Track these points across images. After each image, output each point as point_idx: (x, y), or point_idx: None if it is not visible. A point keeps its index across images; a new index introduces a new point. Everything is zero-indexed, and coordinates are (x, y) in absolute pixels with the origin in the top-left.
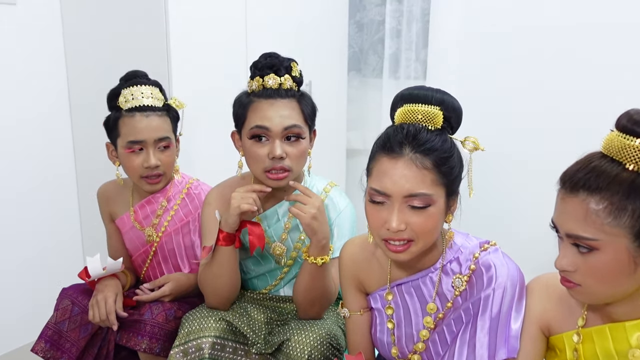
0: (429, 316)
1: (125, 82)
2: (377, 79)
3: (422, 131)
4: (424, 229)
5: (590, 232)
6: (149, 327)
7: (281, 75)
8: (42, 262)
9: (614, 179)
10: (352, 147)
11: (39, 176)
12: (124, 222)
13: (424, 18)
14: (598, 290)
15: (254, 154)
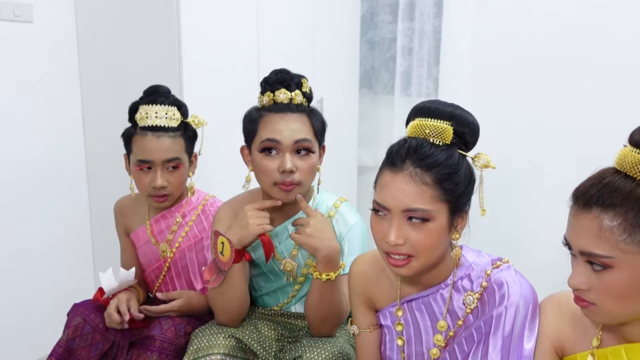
0: (440, 334)
1: (145, 97)
2: (388, 96)
3: (424, 145)
4: (423, 245)
5: (604, 249)
6: (159, 343)
7: (292, 91)
8: (53, 277)
9: (629, 195)
10: (364, 164)
11: (52, 190)
12: (138, 236)
13: (436, 36)
14: (613, 309)
15: (264, 167)
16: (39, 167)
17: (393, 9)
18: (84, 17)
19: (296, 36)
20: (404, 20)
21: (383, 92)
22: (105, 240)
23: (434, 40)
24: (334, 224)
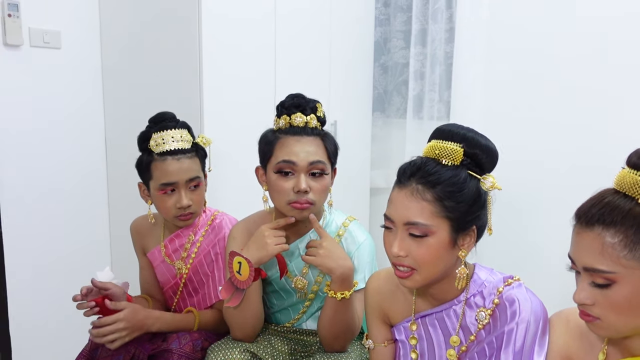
0: (452, 349)
1: (154, 125)
2: (400, 119)
3: (429, 164)
4: (423, 259)
5: (607, 265)
6: (177, 357)
7: (307, 115)
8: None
9: (628, 213)
10: (376, 186)
11: (73, 210)
12: (154, 256)
13: (447, 61)
14: (617, 323)
15: (280, 188)
16: (62, 187)
17: (406, 35)
18: (109, 44)
19: (312, 61)
20: (417, 45)
21: (395, 115)
22: (123, 255)
23: (445, 65)
24: (343, 242)
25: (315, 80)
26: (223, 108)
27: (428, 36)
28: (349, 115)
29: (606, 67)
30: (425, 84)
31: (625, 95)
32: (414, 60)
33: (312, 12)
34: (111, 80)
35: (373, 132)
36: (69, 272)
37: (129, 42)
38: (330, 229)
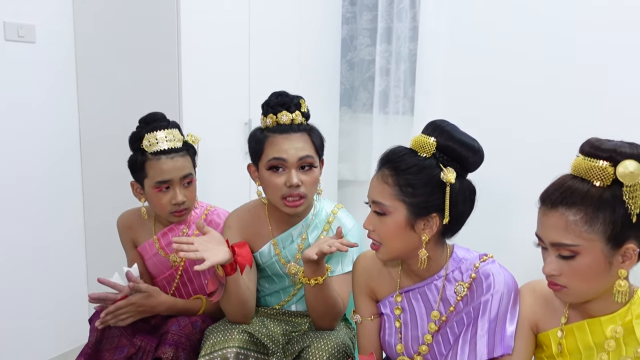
0: (433, 322)
1: (146, 126)
2: (367, 114)
3: (399, 152)
4: (382, 235)
5: (571, 239)
6: (176, 337)
7: (292, 112)
8: (46, 284)
9: (586, 194)
10: (344, 178)
11: (48, 207)
12: (146, 249)
13: (411, 58)
14: (581, 289)
15: (272, 183)
16: (36, 182)
17: (372, 33)
18: (83, 38)
19: (283, 57)
20: (382, 43)
21: (362, 110)
22: (98, 248)
23: (409, 62)
24: (333, 228)
25: (285, 76)
26: (200, 103)
27: (393, 34)
28: (317, 110)
29: (567, 64)
30: (391, 80)
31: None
32: (379, 57)
33: (283, 10)
34: (86, 74)
35: (340, 126)
36: (43, 266)
37: (103, 36)
38: (320, 216)
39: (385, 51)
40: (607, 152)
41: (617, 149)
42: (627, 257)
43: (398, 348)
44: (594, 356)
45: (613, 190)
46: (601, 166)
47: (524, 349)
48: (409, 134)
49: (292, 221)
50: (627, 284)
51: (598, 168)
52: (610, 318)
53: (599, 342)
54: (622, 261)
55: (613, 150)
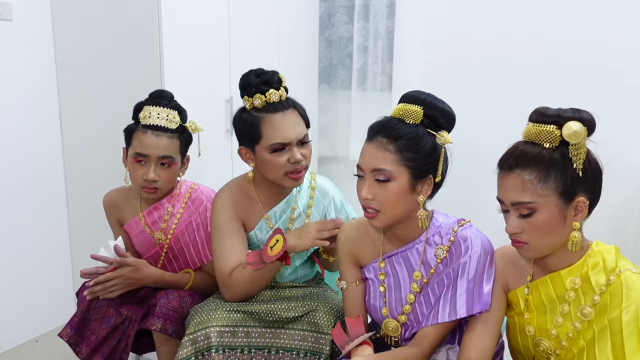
0: (415, 283)
1: (151, 99)
2: (345, 90)
3: (392, 122)
4: (386, 201)
5: (528, 197)
6: (165, 310)
7: (278, 89)
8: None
9: (538, 155)
10: (323, 155)
11: (29, 186)
12: (132, 227)
13: (389, 35)
14: (541, 243)
15: (276, 163)
16: (16, 163)
17: (349, 10)
18: (61, 16)
19: (262, 36)
20: (360, 20)
21: (340, 87)
22: (82, 229)
23: (387, 39)
24: (318, 194)
25: (265, 54)
26: (181, 81)
27: (370, 11)
28: (296, 87)
29: (545, 40)
30: (369, 57)
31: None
32: (357, 34)
33: None
34: (64, 52)
35: (319, 103)
36: (26, 244)
37: (81, 14)
38: (304, 186)
39: (363, 28)
40: (553, 117)
41: (561, 113)
42: (579, 209)
43: (383, 311)
44: (557, 308)
45: (561, 150)
46: (549, 130)
47: (498, 307)
48: (388, 110)
49: (282, 194)
50: (580, 234)
51: (546, 132)
52: (569, 271)
53: (561, 294)
54: (575, 214)
55: (557, 115)
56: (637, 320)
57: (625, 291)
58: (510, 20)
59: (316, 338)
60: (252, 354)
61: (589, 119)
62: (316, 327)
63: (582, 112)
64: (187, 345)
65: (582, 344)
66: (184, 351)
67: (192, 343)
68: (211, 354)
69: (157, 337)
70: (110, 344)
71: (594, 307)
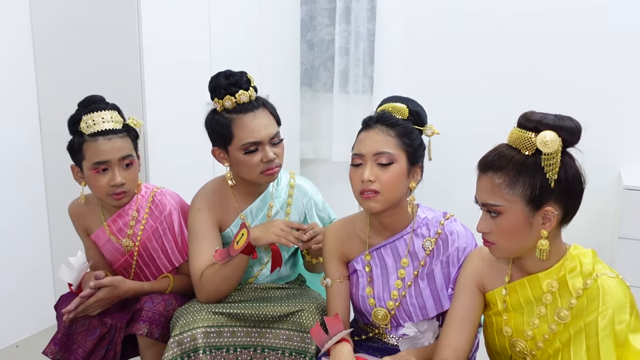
0: (403, 269)
1: (84, 108)
2: (327, 93)
3: (387, 114)
4: (388, 182)
5: (495, 200)
6: (150, 314)
7: (247, 90)
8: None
9: (510, 160)
10: (305, 157)
11: (9, 187)
12: (99, 236)
13: (370, 38)
14: (506, 245)
15: (250, 163)
16: None
17: (330, 13)
18: (39, 20)
19: (243, 38)
20: (341, 23)
21: (322, 89)
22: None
23: (368, 42)
24: (297, 193)
25: (246, 56)
26: (161, 84)
27: (352, 14)
28: (278, 90)
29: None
30: (350, 59)
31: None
32: (338, 37)
33: None
34: (43, 54)
35: (302, 105)
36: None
37: (60, 16)
38: (282, 184)
39: (344, 31)
40: (534, 123)
41: (542, 120)
42: (547, 219)
43: (371, 301)
44: (534, 310)
45: (535, 157)
46: (527, 136)
47: (474, 307)
48: (369, 112)
49: (257, 192)
50: (548, 243)
51: (524, 138)
52: (546, 274)
53: (538, 296)
54: (543, 222)
55: (538, 121)
56: (612, 324)
57: (602, 295)
58: (492, 22)
59: (302, 337)
60: (238, 353)
61: (572, 128)
62: (301, 326)
63: (565, 119)
64: (173, 347)
65: (558, 345)
66: (169, 353)
67: (178, 345)
68: (198, 354)
69: (142, 341)
70: (99, 354)
71: (570, 310)
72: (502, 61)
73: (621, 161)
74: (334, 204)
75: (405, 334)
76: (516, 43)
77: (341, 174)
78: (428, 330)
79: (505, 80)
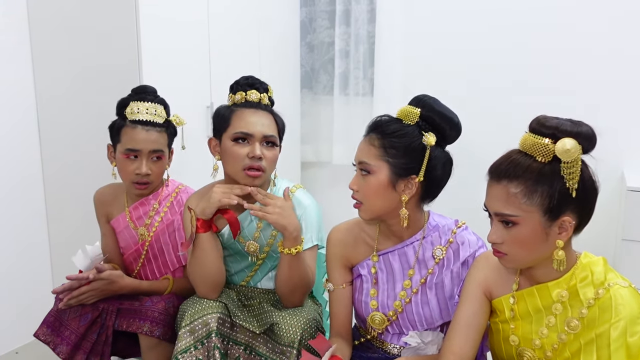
0: (409, 280)
1: (135, 95)
2: (328, 95)
3: (385, 120)
4: (365, 194)
5: (512, 210)
6: (150, 312)
7: (261, 92)
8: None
9: (527, 169)
10: (306, 160)
11: (7, 193)
12: (119, 222)
13: (370, 40)
14: (520, 256)
15: (235, 154)
16: None
17: (330, 15)
18: (37, 21)
19: (243, 41)
20: (341, 25)
21: (323, 92)
22: (62, 239)
23: (368, 44)
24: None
25: (246, 59)
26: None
27: (351, 16)
28: (278, 93)
29: (525, 41)
30: (350, 62)
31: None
32: (338, 39)
33: None
34: (42, 57)
35: (302, 108)
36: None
37: (58, 16)
38: (278, 193)
39: (344, 33)
40: (550, 129)
41: (559, 126)
42: (564, 228)
43: (372, 304)
44: (543, 319)
45: (553, 165)
46: (543, 143)
47: (479, 314)
48: (370, 115)
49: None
50: (564, 253)
51: (541, 145)
52: (556, 283)
53: (547, 305)
54: (559, 232)
55: (555, 127)
56: (625, 335)
57: (615, 306)
58: (493, 24)
59: (282, 350)
60: (230, 346)
61: (588, 134)
62: (280, 339)
63: (581, 125)
64: (186, 336)
65: (568, 355)
66: (182, 343)
67: (190, 333)
68: (211, 338)
69: (144, 341)
70: (91, 339)
71: (581, 320)
72: (503, 63)
73: (624, 162)
74: (334, 207)
75: (408, 343)
76: (517, 45)
77: (342, 177)
78: (432, 343)
79: (507, 82)
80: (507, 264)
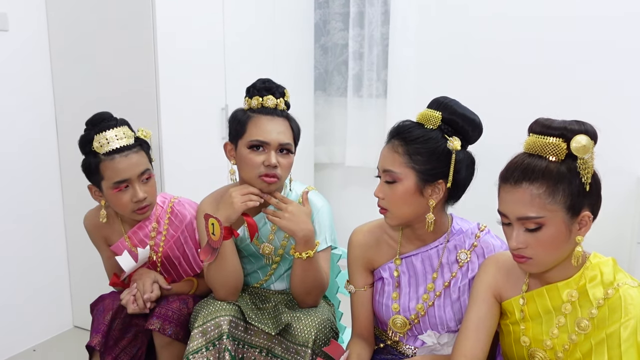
0: (432, 283)
1: (94, 127)
2: (341, 97)
3: (407, 125)
4: (392, 201)
5: (536, 211)
6: (164, 310)
7: (277, 98)
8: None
9: (546, 169)
10: (320, 162)
11: (25, 192)
12: (119, 248)
13: (384, 42)
14: (546, 258)
15: (251, 161)
16: (13, 171)
17: (344, 17)
18: (56, 27)
19: (257, 43)
20: (355, 27)
21: (336, 94)
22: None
23: (382, 45)
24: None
25: (260, 61)
26: (177, 90)
27: (365, 18)
28: (292, 95)
29: (538, 43)
30: (364, 63)
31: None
32: (352, 41)
33: None
34: (60, 65)
35: (315, 110)
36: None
37: (77, 25)
38: (292, 197)
39: (358, 35)
40: (559, 129)
41: (567, 126)
42: (583, 224)
43: (394, 307)
44: (553, 319)
45: (567, 163)
46: (554, 142)
47: (490, 316)
48: (383, 116)
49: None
50: (582, 248)
51: (552, 145)
52: (566, 283)
53: (557, 306)
54: (579, 228)
55: (564, 127)
56: (635, 334)
57: (624, 306)
58: (505, 26)
59: (297, 350)
60: (245, 349)
61: (593, 132)
62: (295, 339)
63: (585, 124)
64: (198, 337)
65: (579, 355)
66: (194, 343)
67: (202, 334)
68: (222, 340)
69: (158, 339)
70: (130, 352)
71: (591, 320)
72: (516, 64)
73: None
74: (347, 208)
75: (424, 342)
76: (529, 46)
77: (355, 178)
78: (448, 345)
79: (520, 83)
80: (531, 268)
